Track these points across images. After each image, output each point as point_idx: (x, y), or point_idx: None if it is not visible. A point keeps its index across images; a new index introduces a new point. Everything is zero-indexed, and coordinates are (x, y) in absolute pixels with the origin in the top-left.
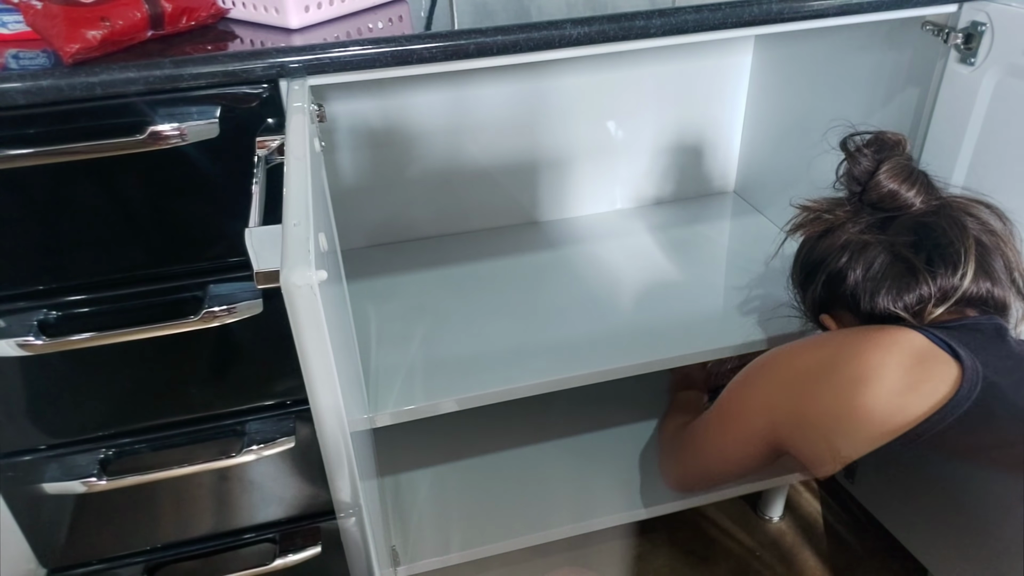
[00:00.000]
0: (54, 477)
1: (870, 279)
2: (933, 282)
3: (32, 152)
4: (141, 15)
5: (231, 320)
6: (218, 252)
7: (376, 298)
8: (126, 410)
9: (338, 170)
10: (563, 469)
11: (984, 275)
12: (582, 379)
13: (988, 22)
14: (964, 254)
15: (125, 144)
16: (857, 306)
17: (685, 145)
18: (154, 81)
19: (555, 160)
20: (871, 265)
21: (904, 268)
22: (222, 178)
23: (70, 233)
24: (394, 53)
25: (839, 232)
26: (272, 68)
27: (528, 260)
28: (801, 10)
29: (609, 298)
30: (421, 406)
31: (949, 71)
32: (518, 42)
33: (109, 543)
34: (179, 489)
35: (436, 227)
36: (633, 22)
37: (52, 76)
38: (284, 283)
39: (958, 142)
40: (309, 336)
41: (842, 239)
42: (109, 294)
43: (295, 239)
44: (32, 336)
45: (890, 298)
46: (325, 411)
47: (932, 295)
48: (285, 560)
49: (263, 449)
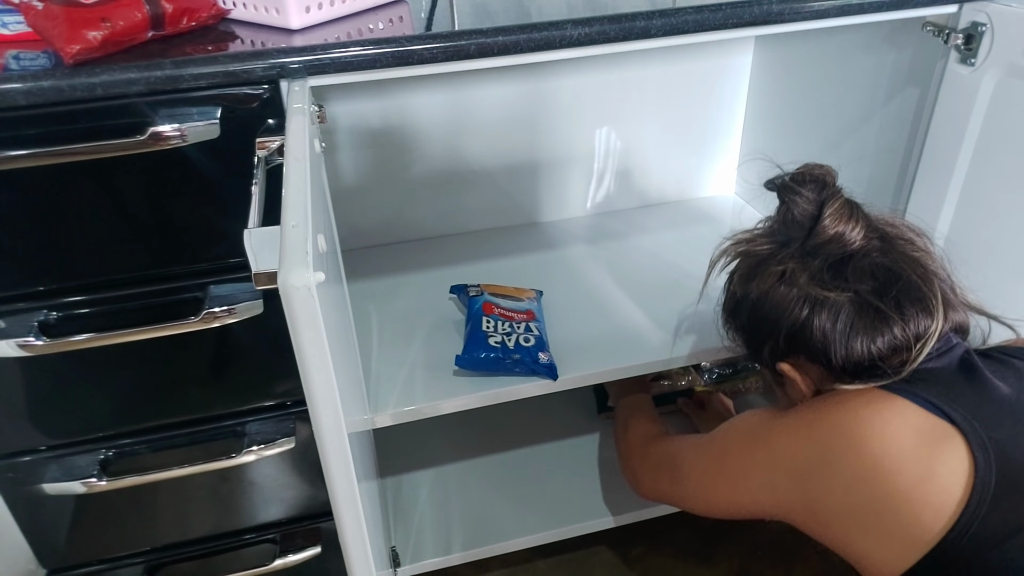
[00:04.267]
0: (54, 478)
1: (840, 332)
2: (907, 327)
3: (33, 153)
4: (142, 16)
5: (231, 321)
6: (218, 253)
7: (377, 298)
8: (126, 411)
9: (339, 171)
10: (564, 470)
11: (949, 307)
12: (582, 379)
13: (988, 23)
14: (931, 294)
15: (126, 145)
16: (828, 360)
17: (685, 145)
18: (155, 82)
19: (555, 160)
20: (837, 317)
21: (875, 317)
22: (222, 179)
23: (71, 234)
24: (395, 54)
25: (791, 281)
26: (273, 69)
27: (528, 260)
28: (801, 11)
29: (609, 299)
30: (422, 406)
31: (949, 71)
32: (519, 43)
33: (109, 544)
34: (179, 490)
35: (437, 227)
36: (634, 23)
37: (53, 77)
38: (282, 284)
39: (958, 142)
40: (307, 337)
41: (795, 291)
42: (110, 295)
43: (293, 240)
44: (33, 337)
45: (865, 348)
46: (323, 412)
47: (908, 341)
48: (285, 560)
49: (263, 450)
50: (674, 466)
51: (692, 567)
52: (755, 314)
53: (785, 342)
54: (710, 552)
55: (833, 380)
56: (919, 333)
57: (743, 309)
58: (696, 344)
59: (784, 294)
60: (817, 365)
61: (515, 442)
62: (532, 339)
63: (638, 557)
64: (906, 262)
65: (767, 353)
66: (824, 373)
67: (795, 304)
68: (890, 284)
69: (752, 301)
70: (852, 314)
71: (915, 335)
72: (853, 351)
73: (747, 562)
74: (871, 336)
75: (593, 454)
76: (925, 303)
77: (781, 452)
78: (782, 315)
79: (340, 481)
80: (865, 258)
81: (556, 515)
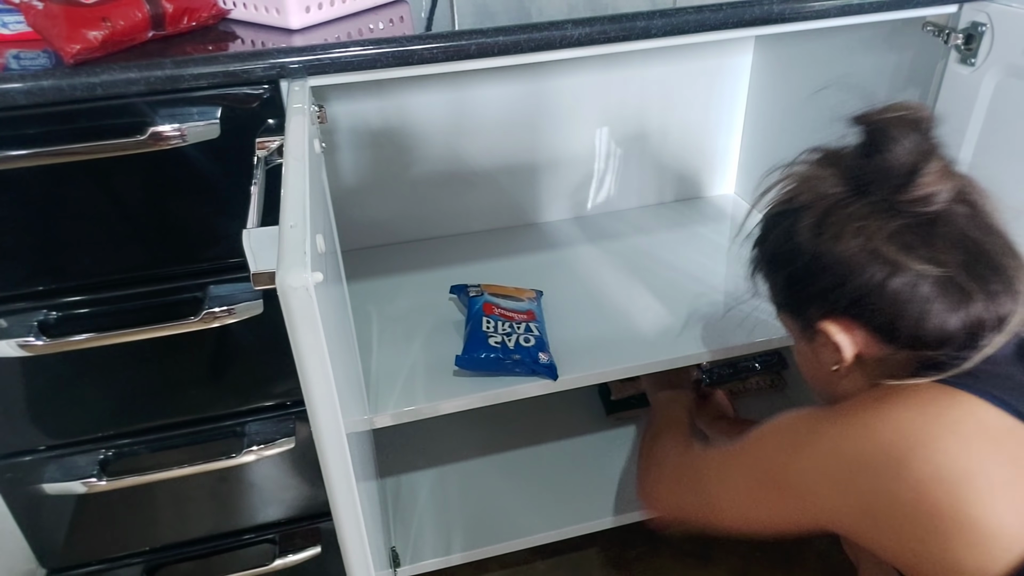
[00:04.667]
0: (54, 478)
1: (918, 304)
2: (990, 307)
3: (33, 153)
4: (142, 15)
5: (231, 321)
6: (218, 253)
7: (377, 299)
8: (126, 411)
9: (339, 171)
10: (563, 470)
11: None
12: (582, 380)
13: (988, 23)
14: (1017, 275)
15: (126, 145)
16: (892, 330)
17: (685, 146)
18: (155, 82)
19: (555, 161)
20: (917, 287)
21: (958, 293)
22: (222, 179)
23: (71, 234)
24: (395, 54)
25: (872, 238)
26: (273, 69)
27: (528, 261)
28: (802, 11)
29: (609, 298)
30: (422, 407)
31: (949, 72)
32: (519, 43)
33: (109, 544)
34: (179, 490)
35: (437, 228)
36: (634, 23)
37: (53, 76)
38: (280, 285)
39: (958, 143)
40: (305, 338)
41: (875, 250)
42: (109, 295)
43: (291, 241)
44: (32, 337)
45: (939, 323)
46: (321, 413)
47: (988, 322)
48: (285, 560)
49: (263, 450)
50: (700, 479)
51: (691, 568)
52: (815, 265)
53: (846, 301)
54: (709, 553)
55: (887, 351)
56: (1001, 316)
57: (799, 255)
58: (697, 344)
59: (859, 248)
60: (875, 333)
61: (515, 442)
62: (532, 339)
63: (637, 558)
64: (993, 235)
65: (815, 309)
66: (879, 342)
67: (872, 263)
68: (979, 258)
69: (815, 250)
70: (933, 287)
71: (996, 318)
72: (926, 324)
73: (746, 563)
74: (947, 313)
75: (593, 455)
76: (1011, 284)
77: (834, 453)
78: (852, 273)
79: (339, 482)
80: (953, 225)
81: (556, 515)
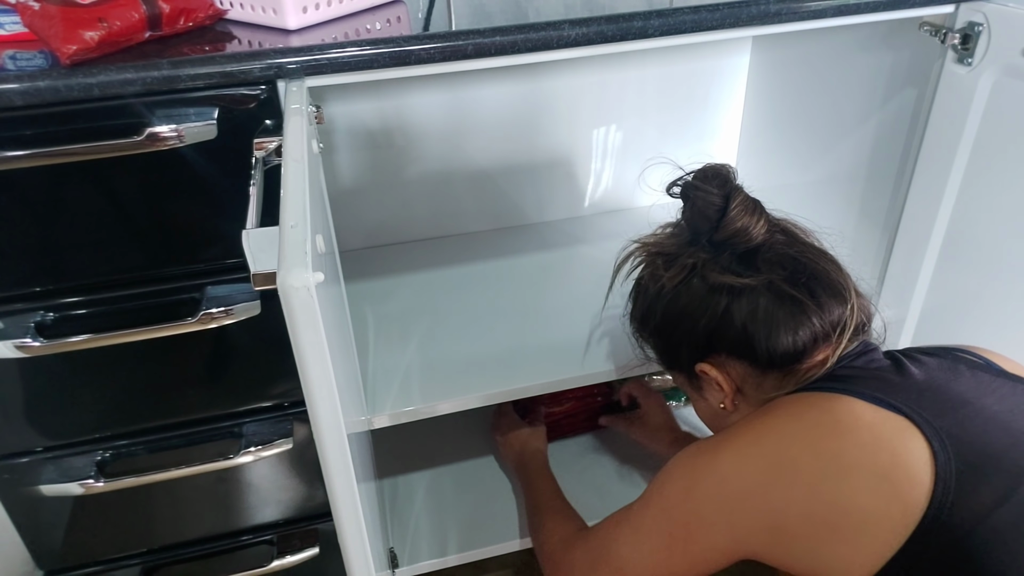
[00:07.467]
0: (51, 479)
1: (762, 321)
2: (823, 315)
3: (29, 153)
4: (139, 16)
5: (229, 322)
6: (216, 254)
7: (375, 299)
8: (123, 412)
9: (336, 171)
10: (562, 470)
11: (860, 295)
12: (581, 380)
13: (985, 22)
14: (841, 281)
15: (123, 145)
16: (752, 352)
17: (683, 146)
18: (152, 82)
19: (553, 161)
20: (756, 305)
21: (791, 305)
22: (220, 180)
23: (67, 235)
24: (392, 54)
25: (704, 274)
26: (270, 69)
27: (526, 261)
28: (799, 11)
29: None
30: (419, 407)
31: (946, 71)
32: (516, 43)
33: (106, 545)
34: (176, 491)
35: (434, 228)
36: (631, 23)
37: (50, 77)
38: (280, 285)
39: (955, 142)
40: (306, 338)
41: (710, 283)
42: (106, 296)
43: (292, 241)
44: (29, 338)
45: (788, 338)
46: (322, 413)
47: (827, 329)
48: (283, 561)
49: (261, 451)
50: (610, 558)
51: None
52: (669, 313)
53: (705, 338)
54: None
55: (758, 376)
56: (835, 321)
57: (655, 311)
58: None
59: (699, 287)
60: (741, 361)
61: None
62: None
63: None
64: (812, 252)
65: (685, 355)
66: (748, 368)
67: (712, 296)
68: (800, 272)
69: (665, 300)
70: (770, 302)
71: (831, 323)
72: (777, 340)
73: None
74: (791, 325)
75: (591, 455)
76: (837, 290)
77: (730, 477)
78: (699, 309)
79: (340, 482)
80: (772, 249)
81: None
